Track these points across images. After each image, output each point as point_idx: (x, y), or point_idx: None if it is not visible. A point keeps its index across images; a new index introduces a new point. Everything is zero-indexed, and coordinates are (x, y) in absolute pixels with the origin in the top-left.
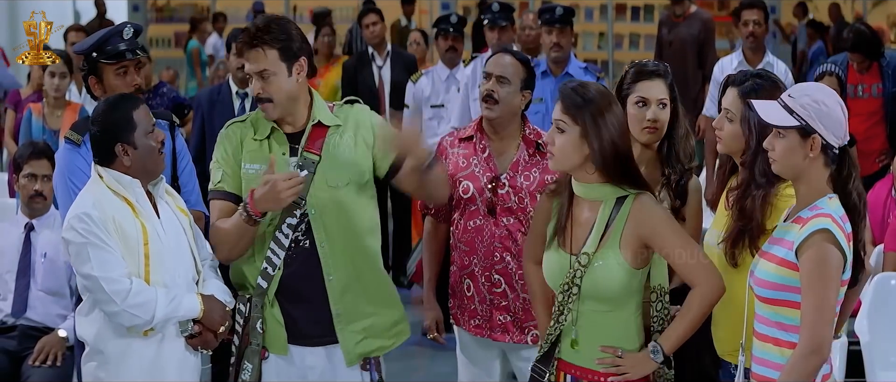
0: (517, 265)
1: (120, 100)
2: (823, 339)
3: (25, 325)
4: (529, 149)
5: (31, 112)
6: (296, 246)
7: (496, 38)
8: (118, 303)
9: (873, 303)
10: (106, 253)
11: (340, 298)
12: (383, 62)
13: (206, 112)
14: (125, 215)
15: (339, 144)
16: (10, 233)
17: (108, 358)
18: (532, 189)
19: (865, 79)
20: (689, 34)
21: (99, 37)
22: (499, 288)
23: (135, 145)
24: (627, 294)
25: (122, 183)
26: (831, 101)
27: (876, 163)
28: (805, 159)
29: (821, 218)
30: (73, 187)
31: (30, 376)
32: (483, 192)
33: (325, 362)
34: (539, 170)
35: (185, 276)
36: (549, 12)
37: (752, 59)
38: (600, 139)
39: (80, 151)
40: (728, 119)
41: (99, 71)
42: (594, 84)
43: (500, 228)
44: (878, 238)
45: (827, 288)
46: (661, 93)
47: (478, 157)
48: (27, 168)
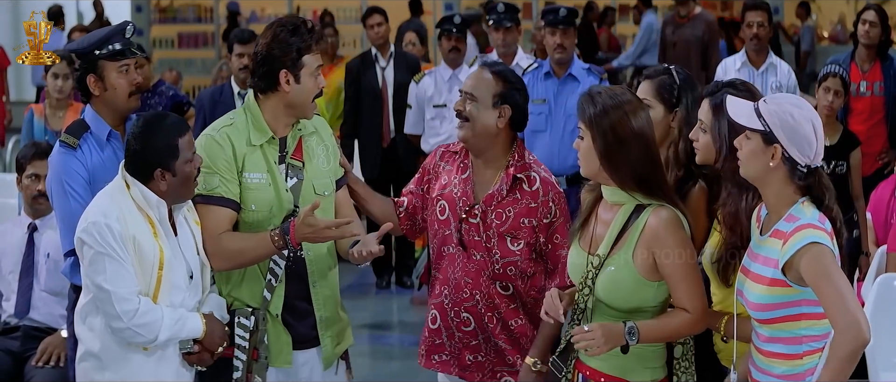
0: (487, 307)
1: (166, 123)
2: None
3: (28, 326)
4: (509, 183)
5: (33, 113)
6: (295, 256)
7: (501, 39)
8: (125, 322)
9: (876, 304)
10: (121, 267)
11: (324, 304)
12: (387, 63)
13: (209, 112)
14: (145, 235)
15: (315, 152)
16: (13, 234)
17: (104, 365)
18: (502, 230)
19: (867, 77)
20: (693, 35)
21: (100, 35)
22: (468, 327)
23: (174, 172)
24: (639, 303)
25: (148, 201)
26: (801, 117)
27: (877, 161)
28: (766, 167)
29: (802, 232)
30: (70, 191)
31: (33, 376)
32: (457, 218)
33: (314, 358)
34: (515, 210)
35: (193, 300)
36: (553, 13)
37: (756, 60)
38: (607, 147)
39: (76, 154)
40: (701, 129)
41: (99, 69)
42: (611, 89)
43: (472, 263)
44: (882, 239)
45: (836, 275)
46: (643, 95)
47: (459, 177)
48: (30, 168)
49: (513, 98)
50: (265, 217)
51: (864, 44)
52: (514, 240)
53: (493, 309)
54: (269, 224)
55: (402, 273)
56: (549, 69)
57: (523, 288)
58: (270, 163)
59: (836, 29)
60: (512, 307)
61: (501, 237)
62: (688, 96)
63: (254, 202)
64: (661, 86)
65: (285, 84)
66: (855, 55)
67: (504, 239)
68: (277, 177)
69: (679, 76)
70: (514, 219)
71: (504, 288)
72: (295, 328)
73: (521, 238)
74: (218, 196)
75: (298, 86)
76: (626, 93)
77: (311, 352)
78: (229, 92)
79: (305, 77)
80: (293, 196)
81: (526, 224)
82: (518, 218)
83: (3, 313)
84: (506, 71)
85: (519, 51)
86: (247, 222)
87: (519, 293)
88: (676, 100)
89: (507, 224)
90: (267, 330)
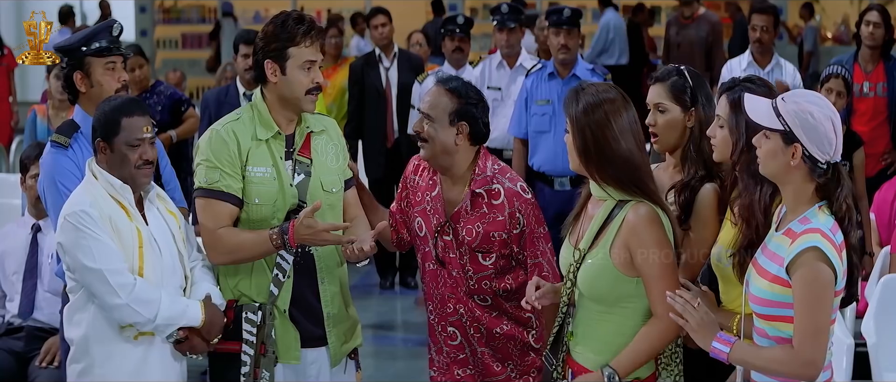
0: (470, 319)
1: (125, 102)
2: (816, 357)
3: (32, 326)
4: (472, 198)
5: (36, 113)
6: (302, 252)
7: (505, 40)
8: (122, 297)
9: (880, 305)
10: (105, 247)
11: (331, 301)
12: (390, 63)
13: (214, 112)
14: (120, 217)
15: (324, 150)
16: (17, 235)
17: (93, 361)
18: (474, 245)
19: (871, 77)
20: (697, 36)
21: (87, 32)
22: (455, 341)
23: (111, 148)
24: (618, 297)
25: (114, 186)
26: (821, 115)
27: (881, 162)
28: (786, 165)
29: (810, 235)
30: (63, 189)
31: (37, 377)
32: (433, 235)
33: (323, 357)
34: (484, 225)
35: (175, 283)
36: (557, 14)
37: (761, 61)
38: (585, 143)
39: (68, 153)
40: (719, 126)
41: (86, 66)
42: (596, 86)
43: (451, 279)
44: (885, 239)
45: (819, 309)
46: (657, 98)
47: (430, 194)
48: (33, 169)
49: (469, 113)
50: (269, 211)
51: (867, 44)
52: (486, 255)
53: (477, 322)
54: (272, 218)
55: (405, 273)
56: (552, 70)
57: (502, 297)
58: (275, 158)
59: (840, 29)
60: (494, 315)
61: (473, 253)
62: (701, 94)
63: (257, 195)
64: (674, 87)
65: (272, 75)
66: (858, 56)
67: (476, 256)
68: (282, 172)
69: (690, 75)
70: (484, 235)
71: (482, 300)
72: (303, 325)
73: (494, 251)
74: (218, 190)
75: (285, 77)
76: (611, 90)
77: (319, 351)
78: (234, 92)
79: (292, 69)
80: (300, 192)
81: (496, 238)
82: (487, 232)
83: (7, 313)
84: (460, 87)
85: (522, 51)
86: (250, 216)
87: (498, 302)
88: (691, 100)
89: (478, 239)
90: (274, 326)
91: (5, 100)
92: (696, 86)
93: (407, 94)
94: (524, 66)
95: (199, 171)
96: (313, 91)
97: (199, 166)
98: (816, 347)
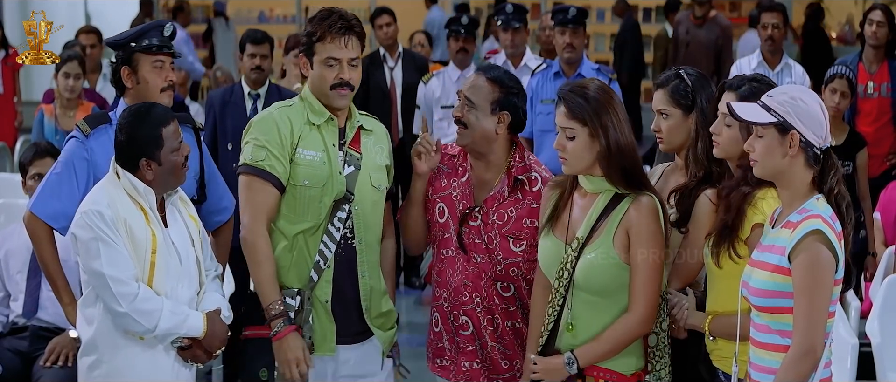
0: (485, 310)
1: (150, 113)
2: (815, 343)
3: (36, 326)
4: (510, 184)
5: (43, 113)
6: (345, 243)
7: (510, 40)
8: (123, 306)
9: (884, 305)
10: (115, 251)
11: (369, 295)
12: (395, 63)
13: (218, 112)
14: (137, 220)
15: (373, 149)
16: (21, 234)
17: (102, 356)
18: (505, 230)
19: (875, 78)
20: (707, 38)
21: (139, 28)
22: (466, 331)
23: (159, 162)
24: (620, 288)
25: (137, 189)
26: (810, 99)
27: (885, 162)
28: (785, 157)
29: (811, 220)
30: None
31: (41, 377)
32: (456, 221)
33: (358, 354)
34: (517, 210)
35: (189, 290)
36: (562, 13)
37: (771, 61)
38: (607, 137)
39: (87, 143)
40: (726, 124)
41: (134, 62)
42: (591, 81)
43: (472, 265)
44: (891, 239)
45: (819, 292)
46: (659, 104)
47: (458, 180)
48: (32, 168)
49: (510, 102)
50: (317, 194)
51: (871, 44)
52: (517, 241)
53: (491, 313)
54: (318, 202)
55: (410, 273)
56: (558, 69)
57: (525, 289)
58: (327, 144)
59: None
60: (511, 309)
61: (504, 238)
62: (702, 96)
63: (307, 177)
64: (675, 91)
65: (304, 69)
66: (862, 56)
67: (506, 240)
68: (333, 159)
69: (690, 77)
70: (517, 220)
71: (505, 289)
72: (340, 319)
73: (524, 238)
74: (263, 169)
75: (312, 72)
76: (601, 84)
77: (355, 348)
78: (239, 93)
79: (317, 64)
80: (349, 183)
81: (527, 224)
82: (520, 218)
83: (12, 313)
84: (503, 76)
85: (527, 51)
86: (297, 198)
87: (519, 293)
88: (692, 103)
89: (510, 224)
90: (313, 314)
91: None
92: (697, 88)
93: (411, 94)
94: (529, 66)
95: (245, 149)
96: (338, 86)
97: (246, 144)
98: (816, 333)
